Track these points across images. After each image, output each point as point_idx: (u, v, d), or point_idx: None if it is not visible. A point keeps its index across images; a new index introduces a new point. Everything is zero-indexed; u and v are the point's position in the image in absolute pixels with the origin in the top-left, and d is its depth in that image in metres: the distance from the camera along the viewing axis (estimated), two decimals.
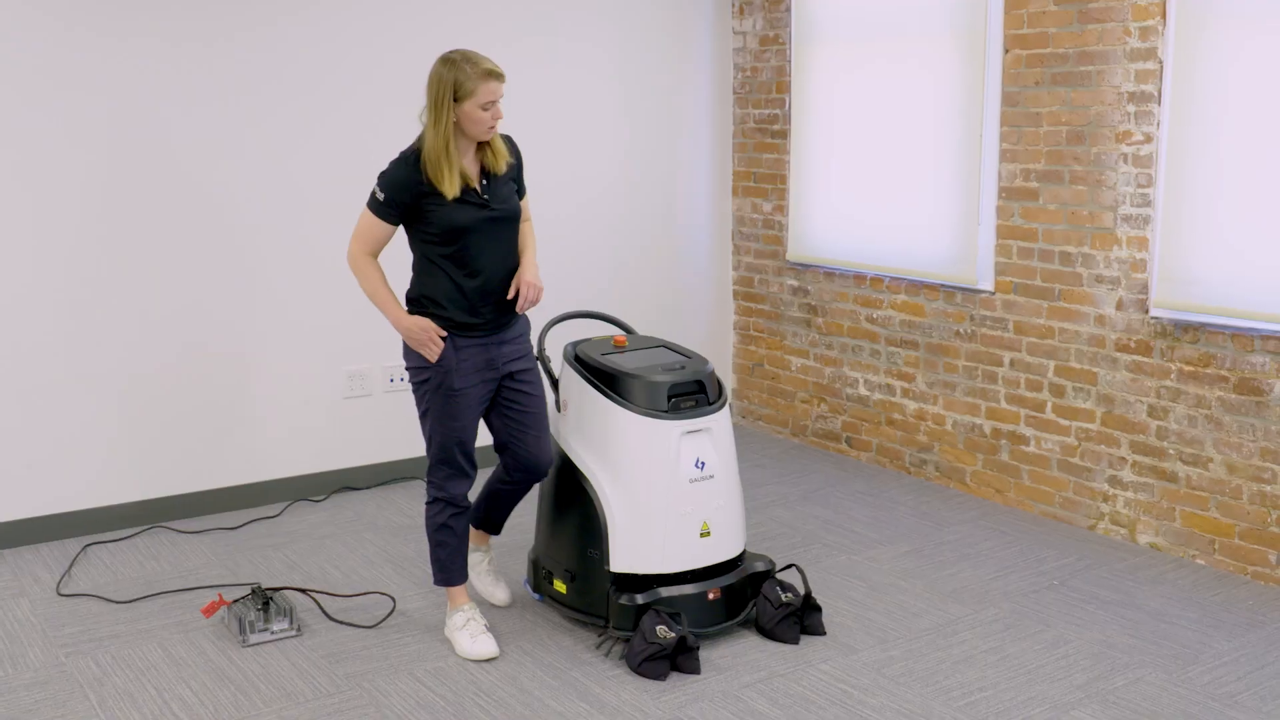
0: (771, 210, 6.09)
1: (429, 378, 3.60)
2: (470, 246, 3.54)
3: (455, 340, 3.58)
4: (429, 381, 3.60)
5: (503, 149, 3.61)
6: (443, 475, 3.70)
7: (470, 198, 3.52)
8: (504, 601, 4.06)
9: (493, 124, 3.47)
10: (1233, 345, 4.27)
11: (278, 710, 3.42)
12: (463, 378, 3.59)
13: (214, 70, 4.81)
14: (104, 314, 4.71)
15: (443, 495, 3.71)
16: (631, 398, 3.73)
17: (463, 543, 3.78)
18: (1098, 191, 4.62)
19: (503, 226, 3.60)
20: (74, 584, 4.31)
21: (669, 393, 3.74)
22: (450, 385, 3.58)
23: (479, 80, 3.40)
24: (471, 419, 3.66)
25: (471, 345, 3.60)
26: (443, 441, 3.65)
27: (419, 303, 3.61)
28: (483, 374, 3.63)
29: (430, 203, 3.48)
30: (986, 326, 5.09)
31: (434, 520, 3.74)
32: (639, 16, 5.83)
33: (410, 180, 3.47)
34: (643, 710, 3.40)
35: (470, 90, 3.40)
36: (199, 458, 4.97)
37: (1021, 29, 4.83)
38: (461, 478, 3.70)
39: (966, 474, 5.26)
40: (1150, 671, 3.61)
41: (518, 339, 3.72)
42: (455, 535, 3.75)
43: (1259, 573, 4.28)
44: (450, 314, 3.57)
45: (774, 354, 6.16)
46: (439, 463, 3.68)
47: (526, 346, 3.76)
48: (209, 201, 4.87)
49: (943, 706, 3.41)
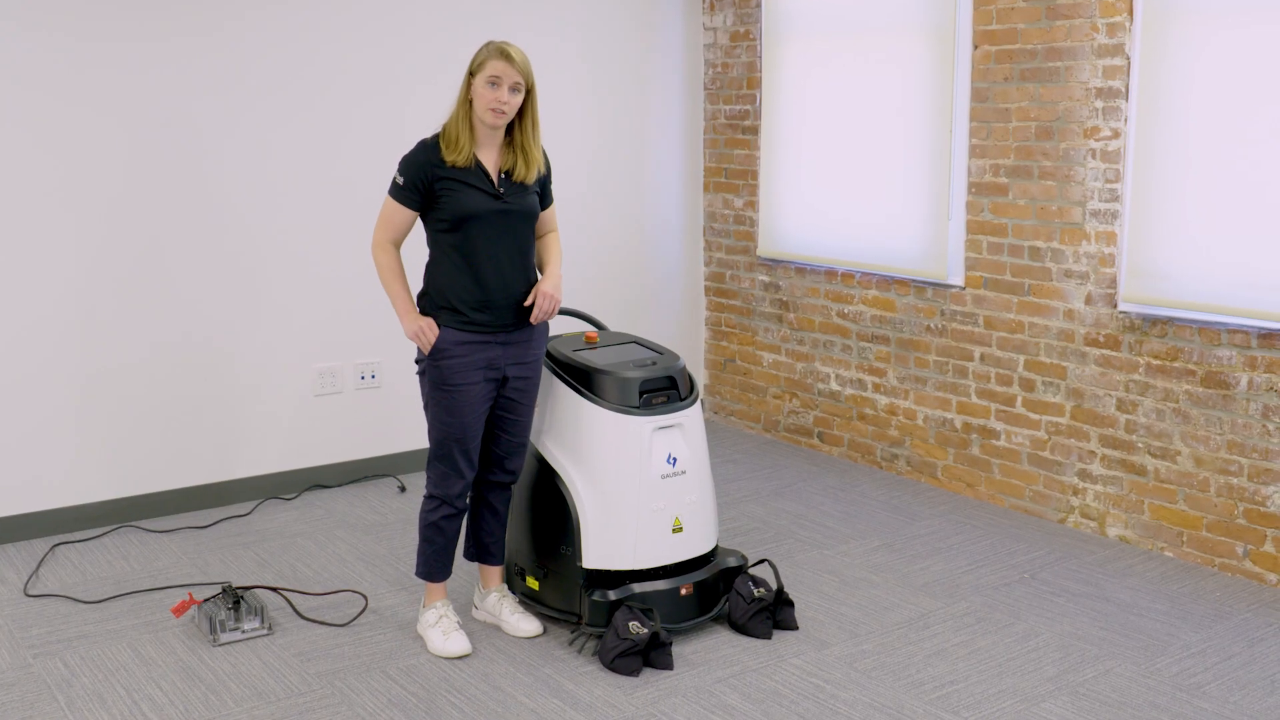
0: (743, 206, 6.09)
1: (425, 369, 3.60)
2: (477, 236, 3.51)
3: (454, 334, 3.55)
4: (426, 374, 3.61)
5: (538, 160, 3.58)
6: (438, 472, 3.67)
7: (484, 186, 3.51)
8: (534, 632, 3.84)
9: (496, 105, 3.43)
10: (1200, 339, 4.30)
11: (249, 709, 3.40)
12: (460, 374, 3.56)
13: (189, 65, 4.78)
14: (72, 310, 4.67)
15: (437, 493, 3.68)
16: (603, 394, 3.73)
17: (450, 543, 3.75)
18: (1066, 187, 4.65)
19: (513, 221, 3.56)
20: (42, 584, 4.27)
21: (640, 389, 3.73)
22: (446, 380, 3.56)
23: (488, 55, 3.44)
24: (473, 418, 3.60)
25: (472, 341, 3.56)
26: (440, 437, 3.63)
27: (426, 293, 3.62)
28: (484, 373, 3.58)
29: (444, 186, 3.48)
30: (957, 321, 5.11)
31: (426, 516, 3.73)
32: (609, 12, 5.83)
33: (427, 161, 3.49)
34: (615, 706, 3.40)
35: (480, 63, 3.45)
36: (168, 456, 4.94)
37: (990, 25, 4.85)
38: (457, 478, 3.65)
39: (938, 468, 5.28)
40: (1119, 663, 3.64)
41: (525, 343, 3.66)
42: (444, 535, 3.72)
43: (1226, 564, 4.32)
44: (454, 305, 3.55)
45: (745, 349, 6.17)
46: (436, 458, 3.66)
47: (534, 353, 3.69)
48: (180, 199, 4.83)
49: (914, 700, 3.43)
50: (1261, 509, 4.20)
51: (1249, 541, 4.25)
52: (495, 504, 3.84)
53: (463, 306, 3.54)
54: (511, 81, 3.43)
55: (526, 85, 3.47)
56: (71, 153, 4.60)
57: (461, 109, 3.49)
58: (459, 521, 3.73)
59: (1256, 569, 4.24)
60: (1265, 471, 4.17)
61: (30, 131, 4.52)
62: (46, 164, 4.56)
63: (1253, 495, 4.22)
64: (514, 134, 3.57)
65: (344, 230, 5.17)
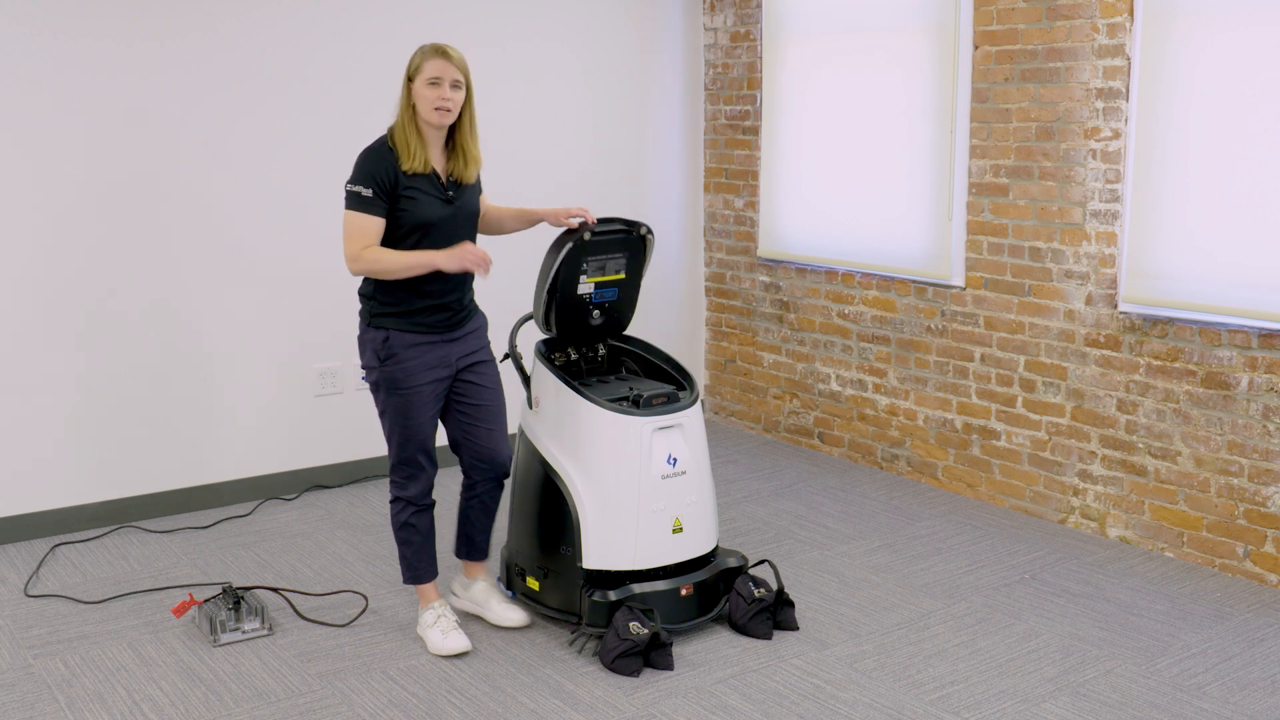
0: (743, 206, 6.09)
1: (379, 378, 3.60)
2: (434, 241, 3.55)
3: (404, 337, 3.57)
4: (380, 382, 3.61)
5: (478, 158, 3.63)
6: (403, 475, 3.70)
7: (437, 192, 3.55)
8: (521, 622, 3.88)
9: (439, 104, 3.47)
10: (1200, 339, 4.30)
11: (249, 710, 3.40)
12: (413, 375, 3.58)
13: (186, 69, 4.78)
14: (72, 310, 4.67)
15: (404, 495, 3.71)
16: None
17: (427, 540, 3.77)
18: (1067, 187, 4.65)
19: (461, 223, 3.62)
20: (42, 585, 4.27)
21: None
22: (401, 383, 3.58)
23: (425, 57, 3.49)
24: (428, 416, 3.65)
25: (421, 343, 3.59)
26: (401, 440, 3.65)
27: (373, 297, 3.59)
28: (434, 371, 3.62)
29: (405, 193, 3.49)
30: (957, 322, 5.11)
31: (397, 519, 3.75)
32: (609, 13, 5.83)
33: (387, 169, 3.48)
34: (616, 706, 3.40)
35: (418, 65, 3.49)
36: (169, 456, 4.94)
37: (991, 25, 4.85)
38: (421, 476, 3.69)
39: (938, 469, 5.28)
40: (1120, 663, 3.64)
41: (471, 334, 3.72)
42: (419, 533, 3.75)
43: (1226, 565, 4.32)
44: (404, 310, 3.56)
45: (746, 350, 6.18)
46: (400, 463, 3.69)
47: (482, 341, 3.76)
48: (179, 200, 4.83)
49: (915, 700, 3.43)
50: (1262, 509, 4.20)
51: (1249, 542, 4.25)
52: (488, 502, 3.86)
53: (416, 310, 3.56)
54: (451, 79, 3.48)
55: (465, 83, 3.52)
56: (72, 153, 4.60)
57: (405, 115, 3.51)
58: (430, 515, 3.76)
59: (1257, 569, 4.24)
60: (1265, 472, 4.17)
61: (32, 135, 4.52)
62: (46, 164, 4.56)
63: (1253, 496, 4.21)
64: (454, 135, 3.61)
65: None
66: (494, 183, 5.01)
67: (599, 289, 3.89)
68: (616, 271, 3.89)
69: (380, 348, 3.57)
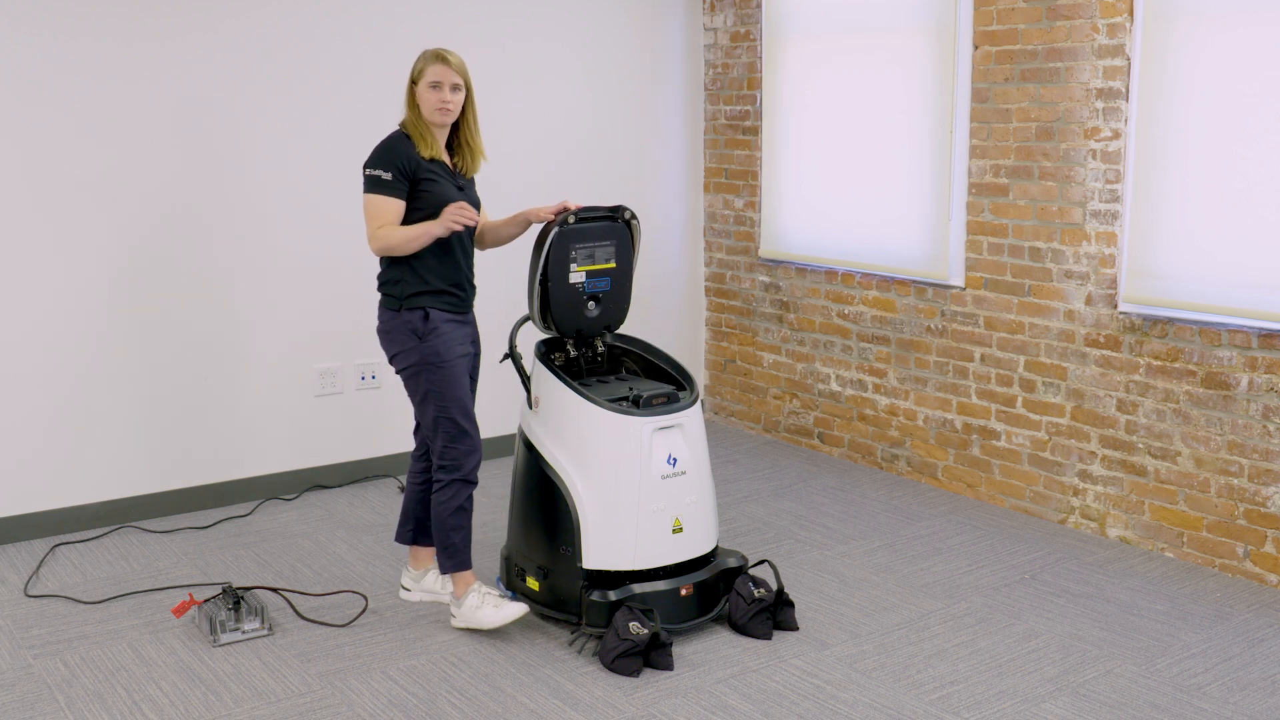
0: (743, 206, 6.09)
1: (418, 358, 3.72)
2: None
3: (439, 314, 3.73)
4: (420, 362, 3.72)
5: (481, 151, 3.87)
6: (458, 453, 3.77)
7: (451, 179, 3.77)
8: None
9: (441, 105, 3.69)
10: (1200, 340, 4.30)
11: (249, 710, 3.40)
12: (451, 348, 3.74)
13: (196, 65, 4.78)
14: (72, 311, 4.67)
15: (459, 475, 3.78)
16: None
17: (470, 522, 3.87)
18: (1067, 187, 4.65)
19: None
20: (42, 585, 4.27)
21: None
22: (443, 356, 3.71)
23: (426, 62, 3.71)
24: (467, 389, 3.80)
25: (453, 320, 3.76)
26: (449, 416, 3.74)
27: (400, 280, 3.72)
28: (464, 347, 3.81)
29: (426, 176, 3.68)
30: (957, 322, 5.11)
31: (450, 504, 3.79)
32: (609, 13, 5.83)
33: (408, 153, 3.68)
34: (616, 707, 3.40)
35: (420, 70, 3.73)
36: (168, 456, 4.94)
37: (991, 25, 4.85)
38: (474, 450, 3.79)
39: (938, 469, 5.29)
40: (1120, 664, 3.64)
41: (474, 323, 3.94)
42: (468, 516, 3.83)
43: (1226, 565, 4.32)
44: (436, 289, 3.73)
45: (746, 350, 6.18)
46: (451, 441, 3.76)
47: (477, 331, 3.98)
48: (177, 202, 4.83)
49: (915, 700, 3.43)
50: (1262, 509, 4.20)
51: (1249, 542, 4.25)
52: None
53: (447, 288, 3.75)
54: (451, 83, 3.70)
55: (465, 84, 3.74)
56: (71, 154, 4.60)
57: (412, 113, 3.75)
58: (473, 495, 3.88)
59: (1257, 570, 4.24)
60: (1265, 472, 4.17)
61: (33, 136, 4.52)
62: (46, 165, 4.56)
63: (1253, 496, 4.22)
64: (459, 132, 3.83)
65: (345, 230, 5.16)
66: (494, 182, 5.01)
67: (591, 278, 3.92)
68: (606, 260, 3.93)
69: (420, 325, 3.71)
